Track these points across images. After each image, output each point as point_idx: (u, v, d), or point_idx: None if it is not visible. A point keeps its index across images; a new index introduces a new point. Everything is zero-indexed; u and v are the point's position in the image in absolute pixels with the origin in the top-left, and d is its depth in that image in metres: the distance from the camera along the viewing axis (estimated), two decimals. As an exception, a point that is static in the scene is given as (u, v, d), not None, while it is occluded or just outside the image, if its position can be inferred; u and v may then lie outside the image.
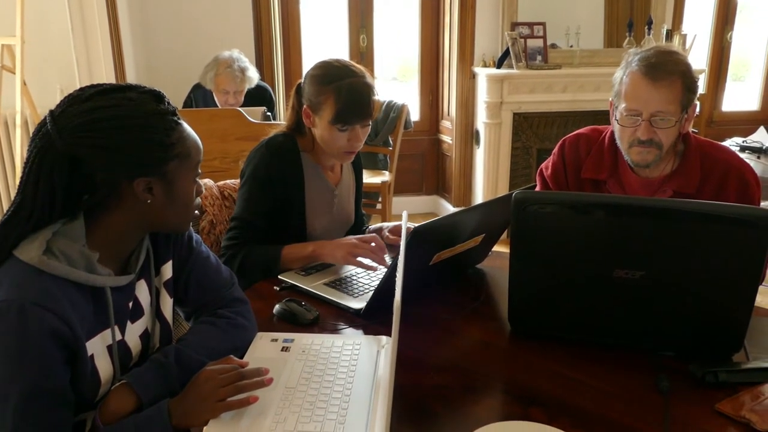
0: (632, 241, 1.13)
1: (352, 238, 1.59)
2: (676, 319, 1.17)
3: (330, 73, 1.63)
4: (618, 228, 1.14)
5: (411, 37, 4.71)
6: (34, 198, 1.00)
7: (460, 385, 1.13)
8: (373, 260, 1.54)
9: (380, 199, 4.02)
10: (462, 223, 1.38)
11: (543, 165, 1.80)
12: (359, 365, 1.16)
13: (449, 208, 4.67)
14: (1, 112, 3.30)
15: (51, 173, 0.99)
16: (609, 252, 1.15)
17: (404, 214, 1.20)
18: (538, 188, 1.77)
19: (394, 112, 4.06)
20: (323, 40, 4.78)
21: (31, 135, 1.03)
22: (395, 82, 5.21)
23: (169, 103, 1.08)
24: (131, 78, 3.63)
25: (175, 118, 1.07)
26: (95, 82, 1.08)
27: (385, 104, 4.11)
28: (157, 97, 1.07)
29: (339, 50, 4.64)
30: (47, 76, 3.46)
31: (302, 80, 1.70)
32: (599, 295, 1.19)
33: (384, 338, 1.25)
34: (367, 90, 1.62)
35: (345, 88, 1.59)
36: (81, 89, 1.05)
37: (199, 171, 1.14)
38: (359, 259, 1.55)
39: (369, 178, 4.04)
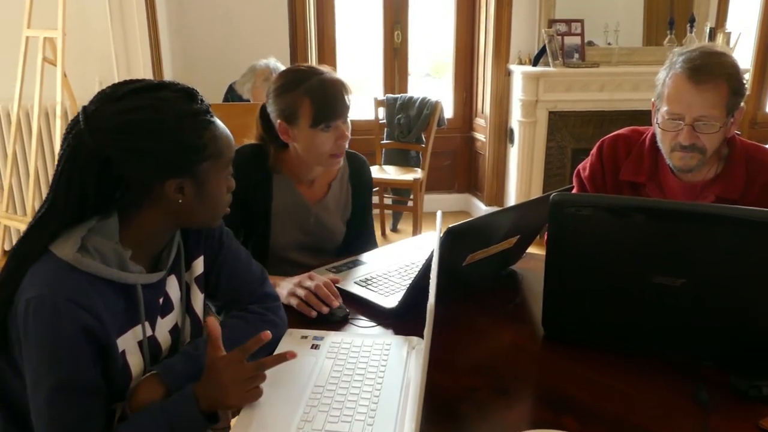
0: (673, 247, 1.10)
1: (305, 277, 1.43)
2: (717, 329, 1.13)
3: (295, 77, 1.58)
4: (658, 233, 1.11)
5: (446, 33, 4.68)
6: (67, 196, 1.01)
7: (491, 388, 1.11)
8: (312, 305, 1.36)
9: (412, 197, 4.00)
10: (497, 224, 1.36)
11: (580, 166, 1.76)
12: (389, 366, 1.15)
13: (481, 207, 4.63)
14: (42, 103, 3.36)
15: (83, 172, 1.00)
16: (648, 258, 1.12)
17: (438, 214, 1.18)
18: (575, 190, 1.74)
19: (428, 109, 4.04)
20: (357, 35, 4.77)
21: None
22: (428, 78, 5.18)
23: (202, 101, 1.08)
24: (168, 71, 3.67)
25: (208, 117, 1.07)
26: (132, 77, 1.09)
27: (418, 101, 4.09)
28: (191, 95, 1.06)
29: (373, 46, 4.63)
30: (87, 68, 3.52)
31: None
32: (637, 301, 1.16)
33: (415, 339, 1.23)
34: (339, 83, 1.58)
35: (316, 85, 1.55)
36: (114, 86, 1.04)
37: (230, 169, 1.14)
38: (304, 300, 1.37)
39: (400, 175, 4.03)
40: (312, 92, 1.53)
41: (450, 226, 1.20)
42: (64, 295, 0.96)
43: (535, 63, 4.10)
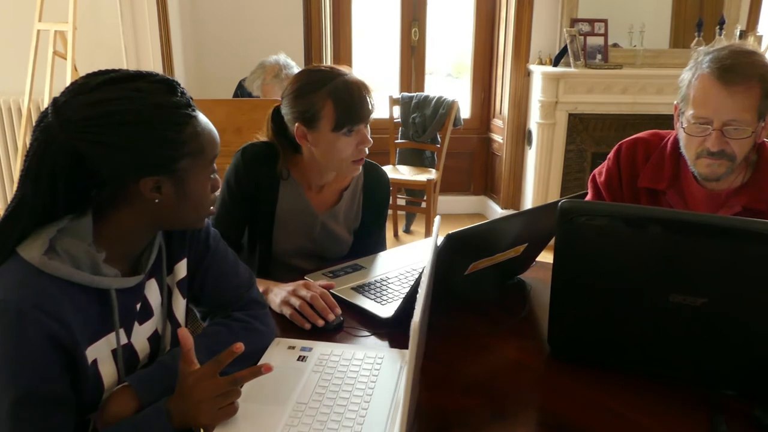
0: (694, 264, 0.99)
1: (299, 285, 1.34)
2: (741, 355, 1.03)
3: (316, 78, 1.49)
4: (678, 247, 1.00)
5: (465, 31, 4.57)
6: (35, 193, 0.94)
7: (489, 412, 1.02)
8: (306, 316, 1.27)
9: (425, 198, 3.91)
10: (502, 231, 1.27)
11: (596, 171, 1.66)
12: (379, 382, 1.07)
13: (497, 210, 4.53)
14: (52, 97, 3.33)
15: (52, 168, 0.92)
16: (666, 274, 1.02)
17: (436, 220, 1.09)
18: (589, 195, 1.64)
19: (444, 109, 3.94)
20: (374, 32, 4.69)
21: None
22: (450, 78, 5.08)
23: (183, 93, 1.00)
24: (178, 65, 3.62)
25: (189, 111, 0.99)
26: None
27: (434, 100, 4.00)
28: (170, 87, 0.98)
29: (390, 44, 4.54)
30: (97, 62, 3.46)
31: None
32: (651, 321, 1.06)
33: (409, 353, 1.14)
34: (362, 85, 1.50)
35: (340, 87, 1.46)
36: (88, 76, 0.97)
37: (215, 167, 1.06)
38: (298, 310, 1.29)
39: (414, 175, 3.94)
40: (336, 94, 1.45)
41: (450, 232, 1.11)
42: (29, 302, 0.89)
43: (555, 63, 3.99)
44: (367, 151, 1.54)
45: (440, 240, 1.09)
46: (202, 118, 1.02)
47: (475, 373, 1.14)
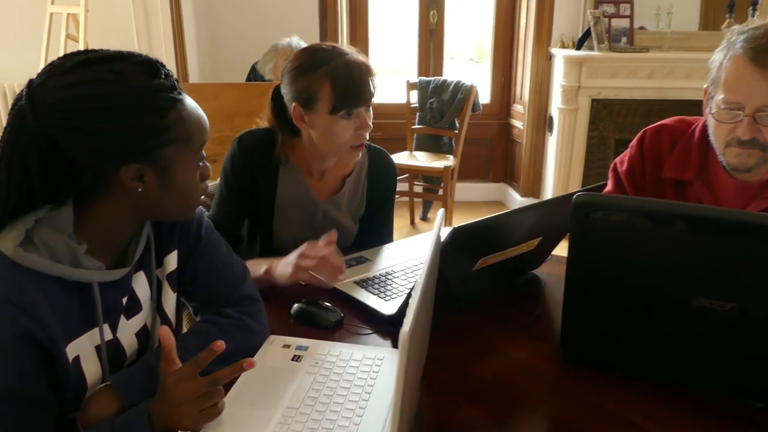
0: (722, 265, 0.90)
1: (301, 249, 1.30)
2: (772, 364, 0.94)
3: (317, 57, 1.40)
4: (705, 246, 0.91)
5: (485, 13, 4.45)
6: (8, 182, 0.88)
7: (494, 420, 0.95)
8: (323, 272, 1.26)
9: (442, 185, 3.82)
10: (514, 225, 1.18)
11: (618, 159, 1.56)
12: (377, 385, 1.00)
13: (516, 198, 4.42)
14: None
15: (24, 155, 0.86)
16: (691, 275, 0.93)
17: (439, 213, 1.01)
18: (609, 186, 1.54)
19: (462, 93, 3.84)
20: (391, 15, 4.58)
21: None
22: (472, 63, 4.95)
23: (167, 75, 0.93)
24: (191, 48, 3.56)
25: (173, 95, 0.92)
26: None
27: (452, 84, 3.90)
28: (152, 69, 0.91)
29: (407, 27, 4.44)
30: (109, 45, 3.38)
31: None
32: (674, 326, 0.97)
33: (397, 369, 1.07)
34: (364, 66, 1.40)
35: (339, 67, 1.37)
36: (66, 56, 0.90)
37: (203, 154, 0.99)
38: (315, 264, 1.26)
39: (432, 162, 3.85)
40: (334, 75, 1.36)
41: (456, 226, 1.03)
42: (2, 296, 0.84)
43: (578, 47, 3.85)
44: (367, 137, 1.46)
45: (445, 234, 1.02)
46: (188, 102, 0.95)
47: (481, 378, 1.06)
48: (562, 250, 1.48)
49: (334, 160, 1.52)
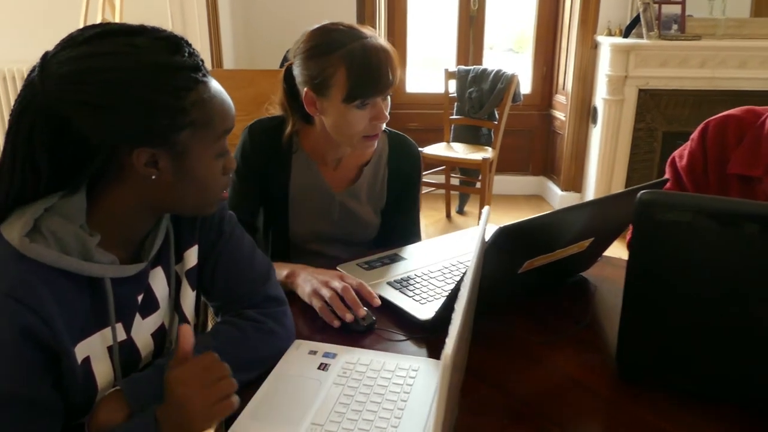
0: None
1: (333, 275, 1.20)
2: None
3: (332, 39, 1.27)
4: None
5: (528, 1, 4.29)
6: (13, 162, 0.81)
7: (542, 445, 0.85)
8: (336, 311, 1.12)
9: (480, 177, 3.70)
10: (565, 224, 1.07)
11: (677, 153, 1.43)
12: (412, 398, 0.91)
13: (557, 192, 4.27)
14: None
15: (31, 130, 0.79)
16: (766, 284, 0.81)
17: (484, 211, 0.91)
18: (668, 183, 1.41)
19: (502, 83, 3.70)
20: (430, 1, 4.46)
21: None
22: (511, 53, 4.79)
23: (192, 54, 0.85)
24: (226, 34, 3.50)
25: (196, 75, 0.83)
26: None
27: (493, 73, 3.76)
28: (175, 45, 0.83)
29: (447, 14, 4.31)
30: (143, 30, 3.43)
31: (292, 60, 1.35)
32: (746, 341, 0.85)
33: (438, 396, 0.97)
34: (384, 51, 1.28)
35: (356, 52, 1.25)
36: (84, 28, 0.83)
37: (226, 144, 0.90)
38: (329, 302, 1.14)
39: (469, 153, 3.73)
40: (350, 60, 1.24)
41: (502, 226, 0.93)
42: (4, 290, 0.77)
43: (626, 34, 3.68)
44: (383, 126, 1.35)
45: (489, 232, 0.91)
46: (213, 85, 0.87)
47: (525, 394, 0.96)
48: (613, 250, 1.36)
49: (348, 149, 1.42)
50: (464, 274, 1.02)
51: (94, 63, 0.78)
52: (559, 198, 4.23)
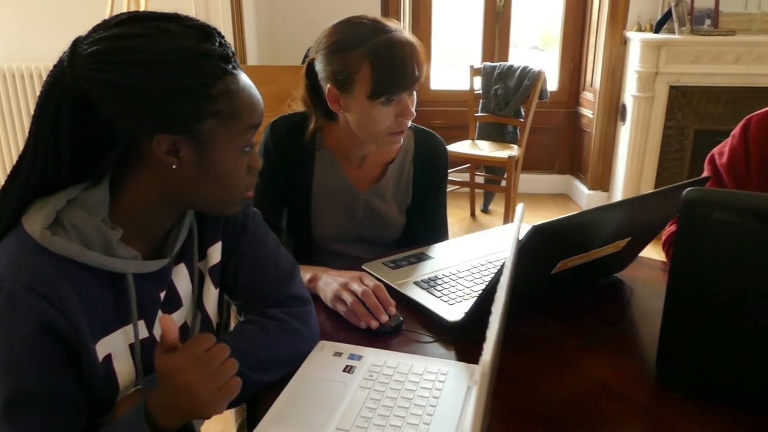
0: None
1: (353, 276, 1.15)
2: None
3: (356, 33, 1.23)
4: None
5: (555, -3, 4.21)
6: (36, 146, 0.79)
7: (578, 455, 0.81)
8: (360, 318, 1.08)
9: (505, 176, 3.64)
10: (601, 223, 1.02)
11: (716, 150, 1.37)
12: (441, 403, 0.87)
13: (583, 191, 4.19)
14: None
15: (56, 112, 0.77)
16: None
17: (518, 209, 0.87)
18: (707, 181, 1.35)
19: (529, 80, 3.64)
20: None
21: None
22: (536, 51, 4.71)
23: (222, 44, 0.82)
24: (249, 31, 3.49)
25: (226, 65, 0.81)
26: None
27: (519, 70, 3.70)
28: (205, 34, 0.81)
29: (472, 10, 4.25)
30: (168, 26, 3.43)
31: (314, 55, 1.31)
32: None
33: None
34: (410, 46, 1.23)
35: (381, 47, 1.20)
36: (118, 15, 0.82)
37: (252, 141, 0.87)
38: (351, 307, 1.09)
39: (495, 151, 3.67)
40: (375, 55, 1.20)
41: (537, 224, 0.89)
42: (23, 283, 0.75)
43: (657, 30, 3.59)
44: (409, 123, 1.31)
45: (522, 231, 0.87)
46: (243, 78, 0.84)
47: (559, 400, 0.91)
48: (648, 252, 1.31)
49: (373, 147, 1.38)
50: (497, 274, 0.98)
51: (122, 44, 0.77)
52: (585, 197, 4.15)
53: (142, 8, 3.15)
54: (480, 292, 1.16)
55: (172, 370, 0.75)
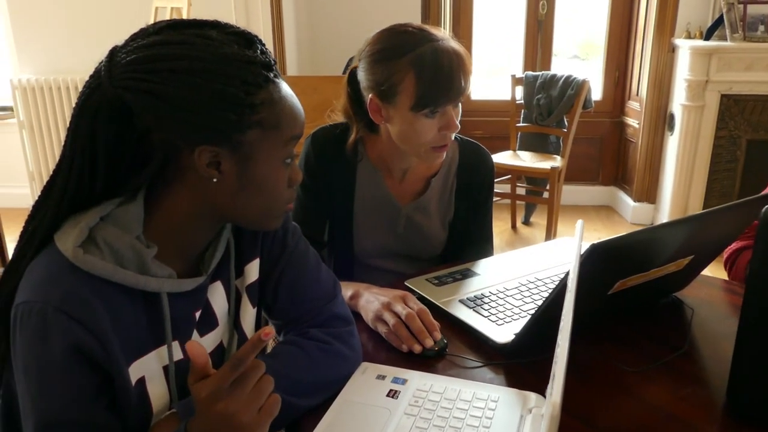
0: None
1: (395, 296, 1.09)
2: None
3: (401, 42, 1.18)
4: None
5: (599, 6, 4.11)
6: (71, 159, 0.76)
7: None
8: (399, 337, 1.03)
9: (548, 187, 3.55)
10: (663, 241, 0.95)
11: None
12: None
13: (629, 203, 4.06)
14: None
15: (94, 123, 0.75)
16: None
17: (578, 225, 0.81)
18: (773, 194, 1.27)
19: (573, 89, 3.55)
20: (498, 5, 4.34)
21: None
22: (576, 60, 4.61)
23: (264, 52, 0.79)
24: (290, 41, 3.49)
25: (268, 74, 0.78)
26: None
27: (562, 79, 3.61)
28: (247, 41, 0.78)
29: (514, 19, 4.18)
30: (209, 38, 3.48)
31: (357, 63, 1.27)
32: None
33: (534, 396, 0.88)
34: (457, 56, 1.18)
35: (427, 56, 1.15)
36: (156, 22, 0.79)
37: (293, 153, 0.84)
38: (393, 329, 1.04)
39: (537, 162, 3.59)
40: (420, 65, 1.15)
41: (595, 242, 0.82)
42: (54, 304, 0.72)
43: (707, 37, 3.47)
44: (452, 136, 1.25)
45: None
46: (285, 87, 0.81)
47: (614, 428, 0.85)
48: (710, 271, 1.23)
49: (416, 159, 1.32)
50: (552, 294, 0.92)
51: (162, 51, 0.74)
52: (631, 209, 4.03)
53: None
54: (531, 311, 1.11)
55: (208, 397, 0.70)
